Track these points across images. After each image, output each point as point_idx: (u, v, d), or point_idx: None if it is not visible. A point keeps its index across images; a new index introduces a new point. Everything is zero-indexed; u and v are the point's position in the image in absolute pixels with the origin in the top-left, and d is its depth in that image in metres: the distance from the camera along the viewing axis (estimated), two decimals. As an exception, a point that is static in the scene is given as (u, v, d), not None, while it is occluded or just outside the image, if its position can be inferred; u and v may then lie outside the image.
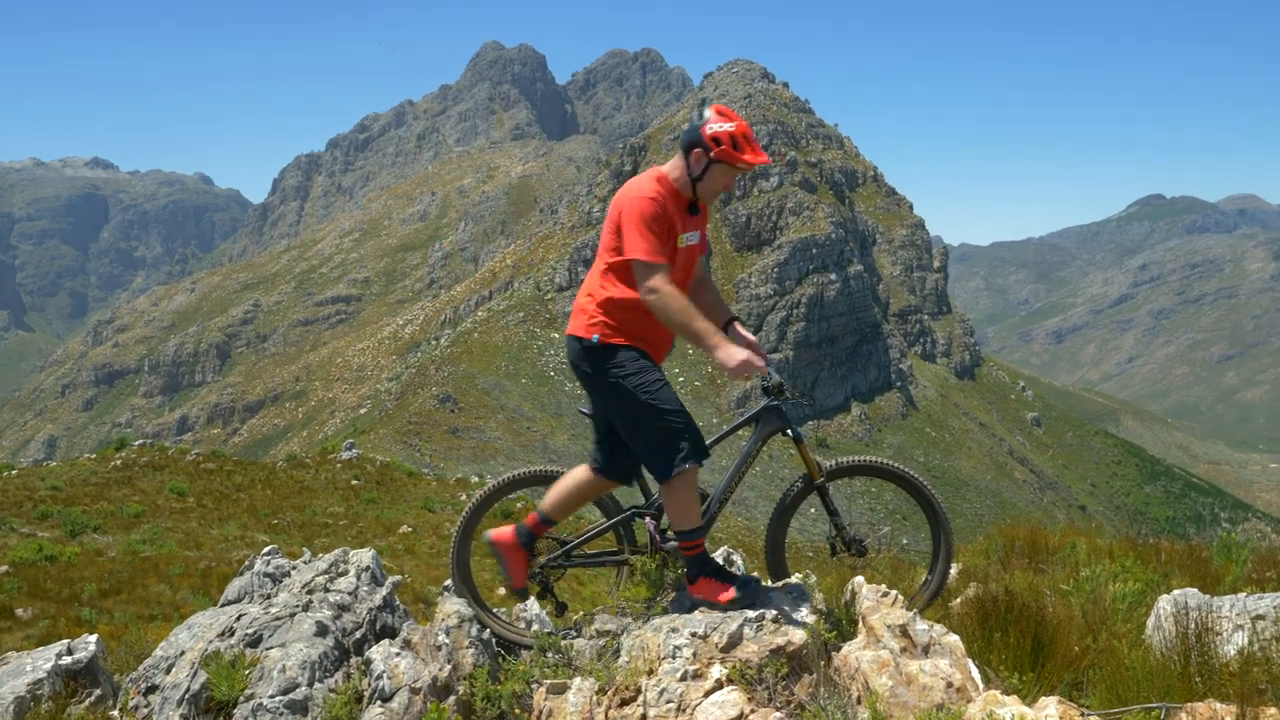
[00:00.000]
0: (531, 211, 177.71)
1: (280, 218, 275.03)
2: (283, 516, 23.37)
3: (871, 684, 3.32)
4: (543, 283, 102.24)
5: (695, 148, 4.31)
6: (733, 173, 4.34)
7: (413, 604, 13.19)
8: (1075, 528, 8.77)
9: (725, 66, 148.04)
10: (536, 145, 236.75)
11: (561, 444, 73.75)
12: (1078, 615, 4.59)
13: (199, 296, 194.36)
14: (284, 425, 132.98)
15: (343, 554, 5.22)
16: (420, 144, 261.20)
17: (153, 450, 29.10)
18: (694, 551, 4.35)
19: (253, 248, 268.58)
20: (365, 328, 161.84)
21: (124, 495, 23.14)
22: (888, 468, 4.64)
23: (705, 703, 3.39)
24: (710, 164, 4.30)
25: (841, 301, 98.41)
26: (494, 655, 4.45)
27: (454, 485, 33.03)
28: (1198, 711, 2.99)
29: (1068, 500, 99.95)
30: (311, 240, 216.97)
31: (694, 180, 4.35)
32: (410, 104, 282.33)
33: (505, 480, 4.77)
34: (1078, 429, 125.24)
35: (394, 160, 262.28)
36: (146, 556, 16.89)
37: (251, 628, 4.53)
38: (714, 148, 4.26)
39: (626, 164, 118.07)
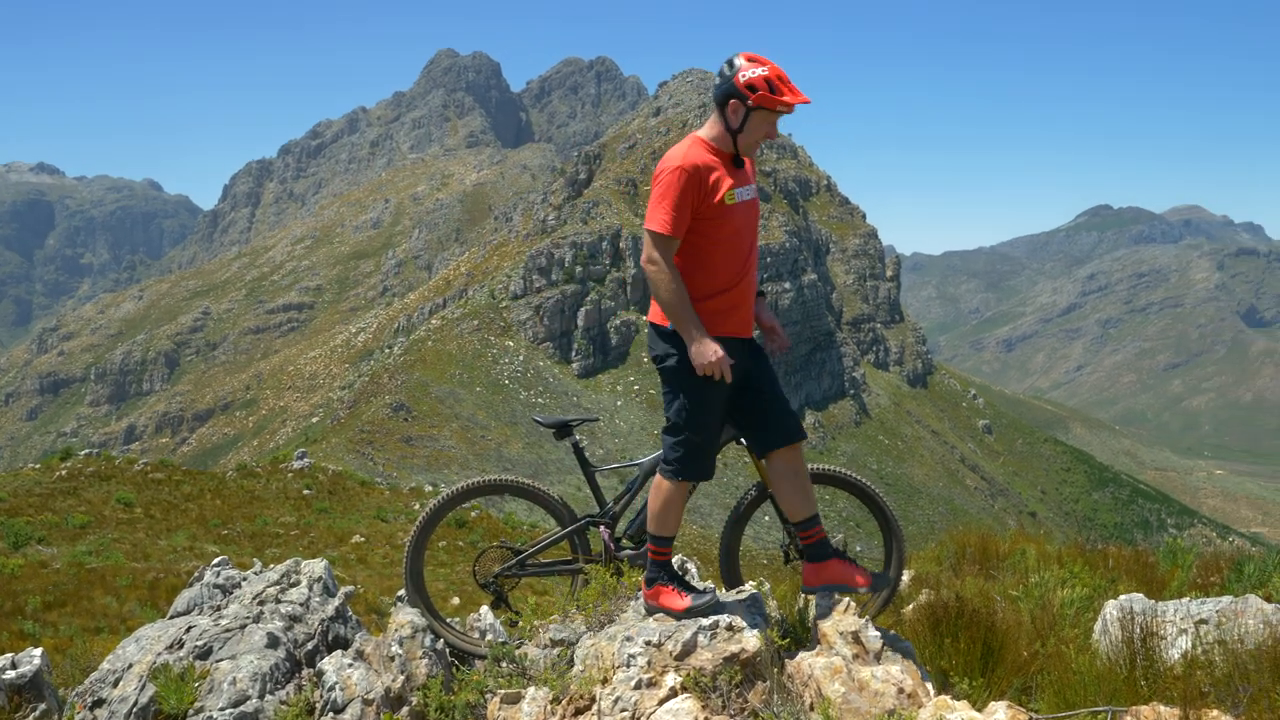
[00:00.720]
0: (486, 219, 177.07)
1: (231, 224, 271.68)
2: (233, 527, 23.04)
3: (824, 690, 3.35)
4: (497, 291, 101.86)
5: (730, 99, 4.19)
6: (773, 118, 4.20)
7: (366, 615, 13.07)
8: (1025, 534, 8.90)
9: (680, 75, 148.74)
10: (491, 153, 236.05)
11: (516, 452, 73.47)
12: (1027, 621, 4.66)
13: (147, 304, 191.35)
14: (234, 434, 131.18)
15: (294, 564, 5.16)
16: (374, 151, 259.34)
17: (99, 460, 28.55)
18: (661, 557, 4.28)
19: (203, 255, 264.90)
20: (317, 336, 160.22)
21: (69, 506, 22.69)
22: (840, 475, 4.68)
23: (660, 711, 3.39)
24: (749, 112, 4.17)
25: (795, 310, 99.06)
26: (448, 665, 4.42)
27: (407, 494, 32.75)
28: (1142, 714, 3.04)
29: (1018, 507, 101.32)
30: (263, 247, 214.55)
31: (733, 133, 4.23)
32: (364, 110, 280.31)
33: (459, 489, 4.74)
34: (1028, 436, 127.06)
35: (347, 167, 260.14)
36: (92, 568, 16.57)
37: (201, 640, 4.46)
38: (750, 95, 4.14)
39: (581, 172, 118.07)
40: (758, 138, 4.24)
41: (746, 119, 4.18)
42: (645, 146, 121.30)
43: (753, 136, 4.23)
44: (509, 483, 4.75)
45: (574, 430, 4.79)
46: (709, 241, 4.20)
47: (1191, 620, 3.95)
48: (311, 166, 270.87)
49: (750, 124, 4.19)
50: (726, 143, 4.25)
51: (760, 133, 4.22)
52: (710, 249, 4.20)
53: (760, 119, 4.18)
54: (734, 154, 4.26)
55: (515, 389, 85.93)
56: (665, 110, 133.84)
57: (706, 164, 4.18)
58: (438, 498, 4.76)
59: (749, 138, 4.23)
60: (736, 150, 4.25)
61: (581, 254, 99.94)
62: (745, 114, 4.17)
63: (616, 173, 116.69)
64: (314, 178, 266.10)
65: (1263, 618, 3.83)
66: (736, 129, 4.21)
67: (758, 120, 4.18)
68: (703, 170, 4.16)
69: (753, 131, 4.21)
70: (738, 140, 4.23)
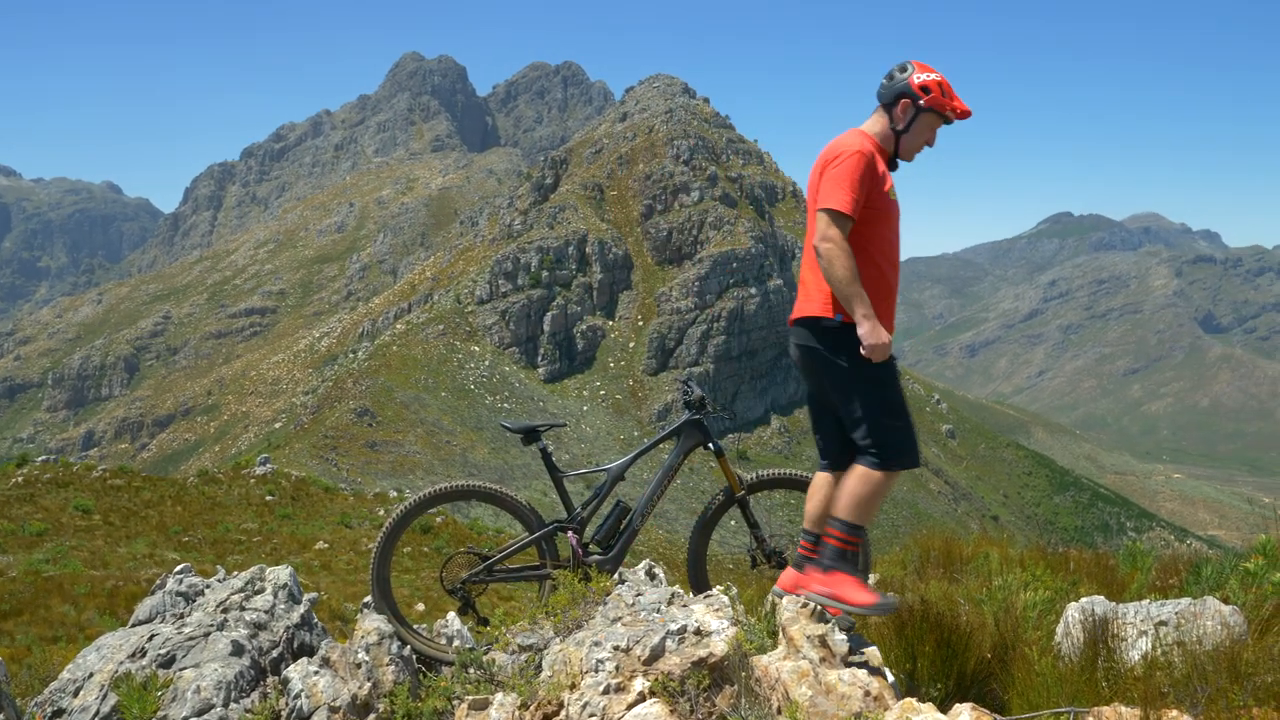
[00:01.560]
0: (452, 223, 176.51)
1: (192, 228, 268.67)
2: (194, 533, 22.77)
3: (791, 694, 3.37)
4: (463, 295, 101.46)
5: (902, 98, 4.20)
6: (937, 122, 4.24)
7: (330, 622, 12.96)
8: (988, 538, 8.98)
9: (646, 81, 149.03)
10: (457, 157, 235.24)
11: (482, 458, 73.17)
12: (990, 623, 4.71)
13: (106, 308, 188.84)
14: (195, 440, 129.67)
15: (259, 571, 5.12)
16: (338, 154, 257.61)
17: (56, 466, 28.11)
18: (852, 547, 4.20)
19: (163, 258, 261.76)
20: (280, 340, 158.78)
21: (26, 513, 22.31)
22: (806, 480, 4.72)
23: (628, 715, 3.40)
24: (918, 114, 4.20)
25: (761, 315, 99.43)
26: (415, 672, 4.40)
27: (372, 500, 32.51)
28: (1103, 715, 3.09)
29: (981, 510, 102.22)
30: (225, 251, 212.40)
31: (898, 134, 4.24)
32: (328, 114, 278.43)
33: (426, 495, 4.72)
34: (990, 441, 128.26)
35: (311, 171, 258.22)
36: (50, 576, 16.31)
37: (164, 648, 4.41)
38: (923, 96, 4.16)
39: (547, 177, 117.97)
40: (920, 141, 4.28)
41: (914, 120, 4.22)
42: (612, 152, 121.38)
43: (917, 139, 4.27)
44: (476, 488, 4.73)
45: (541, 435, 4.79)
46: (871, 231, 4.19)
47: (1151, 622, 4.02)
48: (274, 170, 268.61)
49: (917, 126, 4.24)
50: (890, 142, 4.27)
51: (923, 136, 4.27)
52: (867, 241, 4.18)
53: (926, 122, 4.23)
54: (891, 155, 4.29)
55: (481, 394, 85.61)
56: (632, 116, 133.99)
57: (877, 157, 4.21)
58: (404, 504, 4.74)
59: (913, 139, 4.27)
60: (896, 152, 4.28)
61: (548, 259, 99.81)
62: (914, 115, 4.21)
63: (583, 178, 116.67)
64: (277, 181, 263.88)
65: (1220, 619, 3.90)
66: (902, 129, 4.24)
67: (924, 123, 4.23)
68: (877, 159, 4.18)
69: (917, 134, 4.25)
70: (900, 141, 4.26)
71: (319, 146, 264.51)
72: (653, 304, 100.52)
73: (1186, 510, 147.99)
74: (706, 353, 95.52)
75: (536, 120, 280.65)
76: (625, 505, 4.74)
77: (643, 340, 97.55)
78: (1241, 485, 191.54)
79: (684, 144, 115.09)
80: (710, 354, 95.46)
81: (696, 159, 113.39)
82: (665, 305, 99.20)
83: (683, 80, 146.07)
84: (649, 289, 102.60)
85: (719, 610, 3.91)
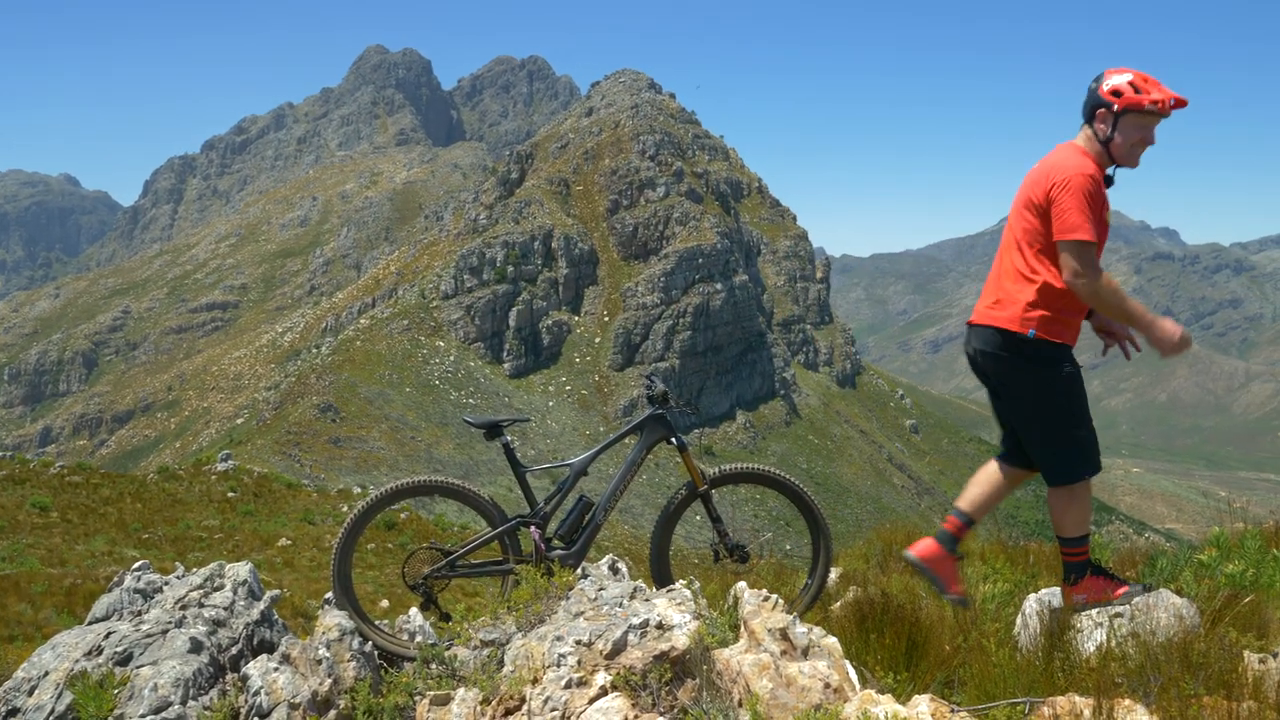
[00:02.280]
0: (416, 218, 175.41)
1: (152, 221, 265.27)
2: (154, 531, 22.51)
3: (752, 686, 3.39)
4: (428, 290, 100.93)
5: (1098, 109, 4.18)
6: (1146, 120, 4.16)
7: (292, 619, 12.88)
8: (949, 531, 9.06)
9: (612, 76, 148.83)
10: (421, 151, 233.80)
11: (447, 453, 72.88)
12: (950, 616, 4.76)
13: (64, 302, 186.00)
14: (155, 436, 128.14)
15: (218, 568, 5.07)
16: (301, 148, 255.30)
17: (13, 463, 27.71)
18: (1082, 558, 4.34)
19: (122, 252, 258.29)
20: (242, 335, 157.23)
21: (-20, 511, 21.97)
22: (769, 475, 4.74)
23: (590, 710, 3.40)
24: (1118, 118, 4.15)
25: (727, 311, 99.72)
26: (376, 668, 4.38)
27: (335, 497, 32.30)
28: (1059, 705, 3.13)
29: (944, 505, 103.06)
30: (185, 245, 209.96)
31: (1106, 144, 4.21)
32: (290, 106, 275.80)
33: (388, 491, 4.69)
34: (953, 436, 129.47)
35: (273, 164, 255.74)
36: (6, 575, 16.08)
37: (121, 645, 4.36)
38: (1115, 100, 4.12)
39: (513, 171, 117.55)
40: (1133, 142, 4.20)
41: (1116, 125, 4.17)
42: (578, 147, 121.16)
43: (1127, 142, 4.20)
44: (438, 484, 4.71)
45: (504, 431, 4.78)
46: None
47: (1107, 614, 4.08)
48: (236, 163, 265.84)
49: (1121, 129, 4.18)
50: (1103, 155, 4.23)
51: (1135, 136, 4.19)
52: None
53: (1131, 123, 4.16)
54: (1109, 165, 4.25)
55: (446, 389, 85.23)
56: (598, 110, 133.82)
57: (1100, 179, 4.18)
58: (366, 500, 4.71)
59: (1124, 143, 4.20)
60: (1112, 160, 4.24)
61: (513, 254, 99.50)
62: (1114, 120, 4.16)
63: (549, 172, 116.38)
64: (239, 174, 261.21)
65: (1174, 611, 3.96)
66: (1107, 138, 4.19)
67: (1129, 124, 4.17)
68: (1098, 178, 4.16)
69: (1126, 137, 4.18)
70: (1112, 149, 4.21)
71: (281, 140, 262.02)
72: (619, 299, 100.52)
73: (1145, 504, 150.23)
74: (672, 348, 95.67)
75: (502, 114, 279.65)
76: (588, 500, 4.74)
77: (608, 336, 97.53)
78: (1198, 479, 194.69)
79: (650, 139, 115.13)
80: (676, 349, 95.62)
81: (662, 154, 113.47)
82: (631, 301, 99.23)
83: (649, 75, 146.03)
84: (615, 284, 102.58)
85: (681, 604, 3.92)
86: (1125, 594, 4.26)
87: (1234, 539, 5.58)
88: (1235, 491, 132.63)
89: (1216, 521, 6.54)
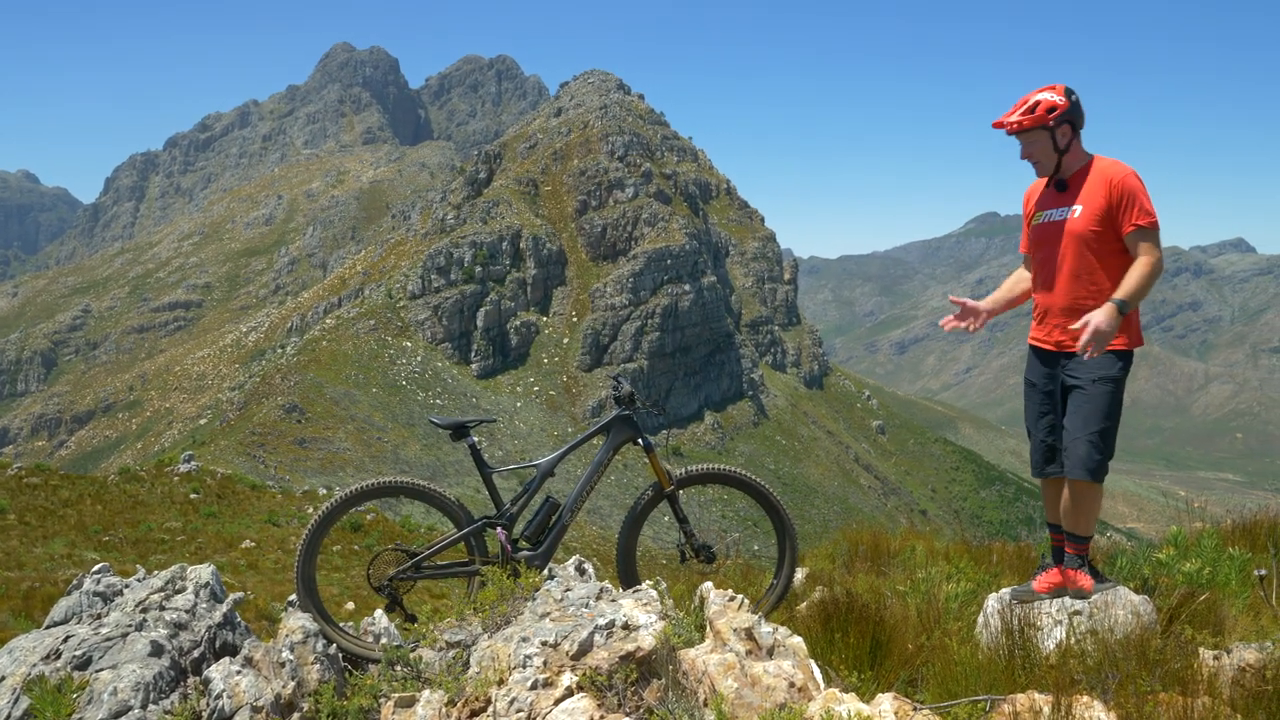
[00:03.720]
0: (383, 217, 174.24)
1: (114, 219, 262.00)
2: (115, 533, 22.21)
3: (718, 686, 3.40)
4: (395, 290, 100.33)
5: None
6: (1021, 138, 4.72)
7: (257, 621, 12.75)
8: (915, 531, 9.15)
9: (581, 76, 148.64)
10: (389, 150, 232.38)
11: (414, 454, 72.48)
12: (914, 615, 4.80)
13: (22, 301, 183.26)
14: (116, 437, 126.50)
15: (180, 570, 5.02)
16: (266, 145, 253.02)
17: (-31, 464, 27.23)
18: (1086, 551, 4.64)
19: (83, 250, 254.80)
20: (206, 335, 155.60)
21: (-64, 513, 21.59)
22: (734, 475, 4.76)
23: (555, 710, 3.40)
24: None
25: (695, 312, 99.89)
26: (340, 671, 4.35)
27: (300, 498, 32.00)
28: (1018, 702, 3.17)
29: (910, 505, 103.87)
30: (148, 243, 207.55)
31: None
32: (255, 104, 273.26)
33: (352, 492, 4.66)
34: (919, 436, 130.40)
35: (238, 162, 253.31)
36: (-38, 578, 15.80)
37: (80, 649, 4.30)
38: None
39: (481, 171, 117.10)
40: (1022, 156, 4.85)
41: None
42: (546, 147, 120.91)
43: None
44: (403, 484, 4.69)
45: (470, 431, 4.77)
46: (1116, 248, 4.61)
47: (1066, 612, 4.13)
48: (200, 160, 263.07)
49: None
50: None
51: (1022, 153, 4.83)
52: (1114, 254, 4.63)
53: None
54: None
55: (413, 390, 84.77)
56: (567, 111, 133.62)
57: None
58: (330, 501, 4.68)
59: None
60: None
61: (481, 254, 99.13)
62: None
63: (517, 172, 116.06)
64: (202, 172, 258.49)
65: (1131, 608, 4.02)
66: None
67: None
68: (1037, 187, 4.97)
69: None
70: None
71: (246, 137, 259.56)
72: (587, 300, 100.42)
73: (1107, 504, 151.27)
74: (641, 349, 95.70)
75: (470, 114, 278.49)
76: (555, 501, 4.74)
77: (577, 336, 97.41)
78: (1159, 479, 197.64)
79: (619, 140, 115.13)
80: (645, 350, 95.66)
81: (631, 155, 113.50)
82: (600, 301, 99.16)
83: (618, 76, 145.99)
84: (583, 285, 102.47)
85: (647, 605, 3.93)
86: (1098, 586, 4.46)
87: (1192, 538, 5.66)
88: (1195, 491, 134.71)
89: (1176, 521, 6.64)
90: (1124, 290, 4.35)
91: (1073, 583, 4.50)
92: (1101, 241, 4.53)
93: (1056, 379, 4.72)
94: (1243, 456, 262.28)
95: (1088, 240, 4.55)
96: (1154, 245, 4.46)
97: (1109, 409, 4.50)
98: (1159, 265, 4.42)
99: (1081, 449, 4.45)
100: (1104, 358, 4.50)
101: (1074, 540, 4.62)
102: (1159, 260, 4.44)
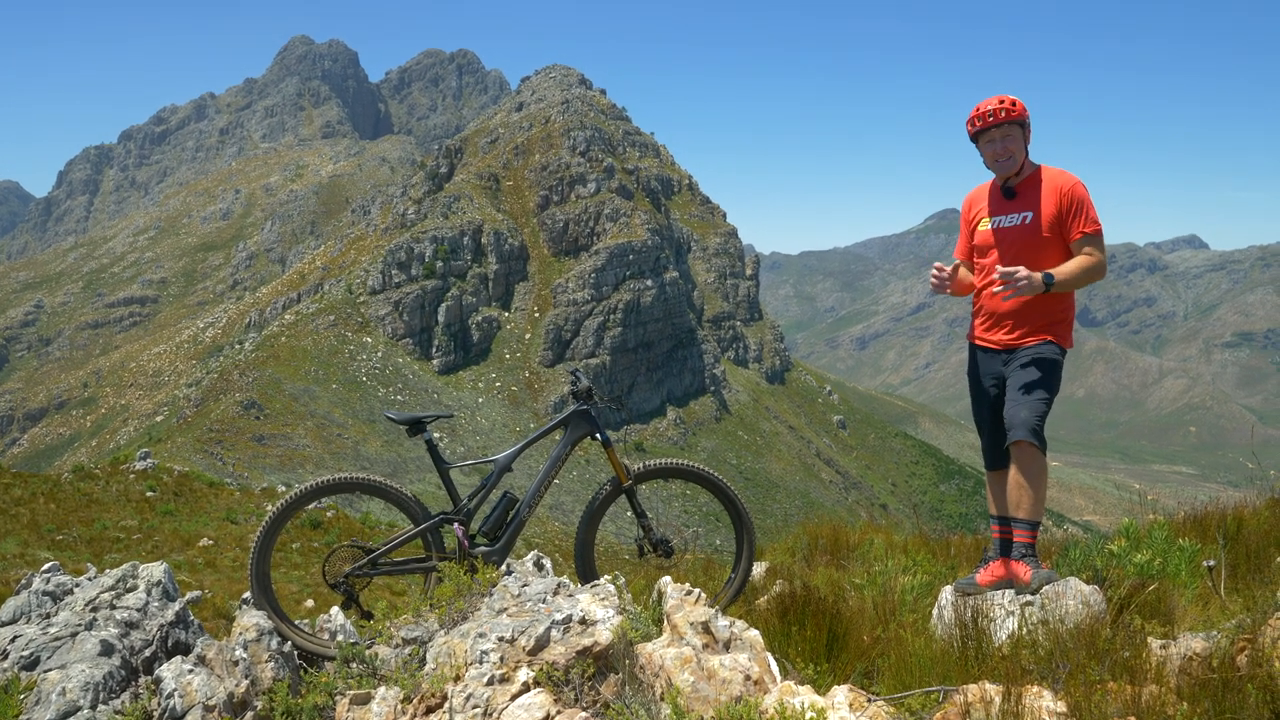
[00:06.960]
0: (343, 212, 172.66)
1: (67, 213, 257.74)
2: (68, 532, 21.86)
3: (674, 680, 3.41)
4: (355, 285, 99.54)
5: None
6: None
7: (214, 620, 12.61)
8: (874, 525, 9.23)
9: (543, 71, 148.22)
10: (348, 144, 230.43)
11: (374, 451, 71.98)
12: (870, 608, 4.84)
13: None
14: (70, 434, 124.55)
15: (131, 569, 4.95)
16: (223, 139, 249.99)
17: (-82, 463, 26.68)
18: (1034, 541, 4.74)
19: (35, 244, 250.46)
20: (162, 330, 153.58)
21: (-117, 512, 21.15)
22: (691, 470, 4.77)
23: (512, 706, 3.39)
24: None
25: (657, 307, 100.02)
26: (295, 668, 4.32)
27: (259, 495, 31.69)
28: (970, 692, 3.20)
29: (870, 499, 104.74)
30: (102, 238, 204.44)
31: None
32: (212, 97, 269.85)
33: (308, 489, 4.62)
34: (880, 431, 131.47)
35: (194, 155, 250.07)
36: (-91, 579, 15.49)
37: (28, 649, 4.23)
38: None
39: (442, 166, 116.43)
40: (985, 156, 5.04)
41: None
42: (508, 141, 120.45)
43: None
44: (359, 480, 4.65)
45: (427, 427, 4.74)
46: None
47: (1019, 603, 4.18)
48: (155, 154, 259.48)
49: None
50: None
51: (985, 153, 5.00)
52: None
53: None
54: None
55: (373, 386, 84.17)
56: (528, 105, 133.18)
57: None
58: (284, 498, 4.64)
59: (985, 160, 5.07)
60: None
61: (442, 249, 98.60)
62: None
63: (478, 167, 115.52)
64: (158, 166, 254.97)
65: (1081, 599, 4.08)
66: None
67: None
68: (982, 190, 5.22)
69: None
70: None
71: (203, 130, 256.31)
72: (549, 295, 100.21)
73: (1063, 496, 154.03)
74: (603, 344, 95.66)
75: (431, 108, 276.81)
76: (513, 496, 4.73)
77: (539, 332, 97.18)
78: (1114, 472, 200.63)
79: (581, 135, 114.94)
80: (607, 346, 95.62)
81: (593, 150, 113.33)
82: (562, 297, 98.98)
83: (579, 71, 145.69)
84: (545, 280, 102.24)
85: (604, 599, 3.93)
86: (1035, 576, 4.51)
87: (1144, 530, 5.75)
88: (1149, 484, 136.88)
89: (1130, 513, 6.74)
90: (1059, 270, 4.63)
91: (1015, 575, 4.58)
92: (1050, 248, 4.79)
93: (1002, 377, 4.97)
94: (1196, 450, 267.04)
95: (1038, 246, 4.79)
96: (1097, 249, 4.74)
97: (1047, 383, 4.76)
98: (1100, 267, 4.70)
99: (1023, 412, 4.68)
100: (1042, 344, 4.81)
101: (1021, 526, 4.70)
102: (1101, 263, 4.72)
